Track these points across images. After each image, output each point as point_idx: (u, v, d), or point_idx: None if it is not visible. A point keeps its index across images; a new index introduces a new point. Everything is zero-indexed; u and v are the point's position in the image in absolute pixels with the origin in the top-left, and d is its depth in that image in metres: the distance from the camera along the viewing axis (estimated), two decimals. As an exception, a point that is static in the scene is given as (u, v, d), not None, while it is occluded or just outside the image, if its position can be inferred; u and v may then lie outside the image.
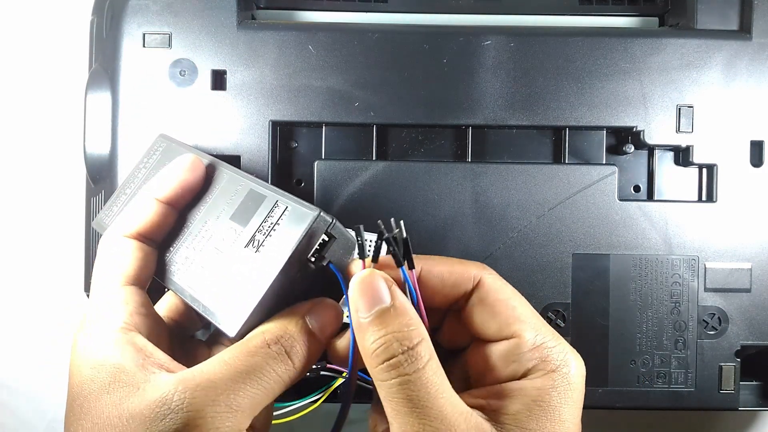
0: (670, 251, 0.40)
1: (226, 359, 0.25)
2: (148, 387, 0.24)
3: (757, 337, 0.40)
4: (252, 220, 0.28)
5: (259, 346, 0.26)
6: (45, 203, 0.49)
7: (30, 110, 0.49)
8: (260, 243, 0.27)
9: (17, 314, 0.49)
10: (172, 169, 0.31)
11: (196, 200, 0.31)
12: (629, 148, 0.41)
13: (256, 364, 0.25)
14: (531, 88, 0.40)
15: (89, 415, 0.25)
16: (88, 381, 0.25)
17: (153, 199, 0.30)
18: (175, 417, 0.23)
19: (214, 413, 0.23)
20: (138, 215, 0.30)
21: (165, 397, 0.23)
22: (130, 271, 0.29)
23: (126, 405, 0.24)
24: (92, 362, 0.26)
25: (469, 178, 0.40)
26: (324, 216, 0.26)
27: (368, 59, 0.40)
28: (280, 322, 0.27)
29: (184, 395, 0.23)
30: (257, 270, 0.27)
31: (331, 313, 0.28)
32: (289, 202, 0.27)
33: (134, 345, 0.26)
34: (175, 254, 0.30)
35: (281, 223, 0.27)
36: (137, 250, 0.29)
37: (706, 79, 0.40)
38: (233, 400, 0.24)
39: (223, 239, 0.29)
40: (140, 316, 0.27)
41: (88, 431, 0.24)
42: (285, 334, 0.26)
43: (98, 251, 0.30)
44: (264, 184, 0.29)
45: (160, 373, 0.25)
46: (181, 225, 0.31)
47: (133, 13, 0.40)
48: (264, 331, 0.26)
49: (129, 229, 0.30)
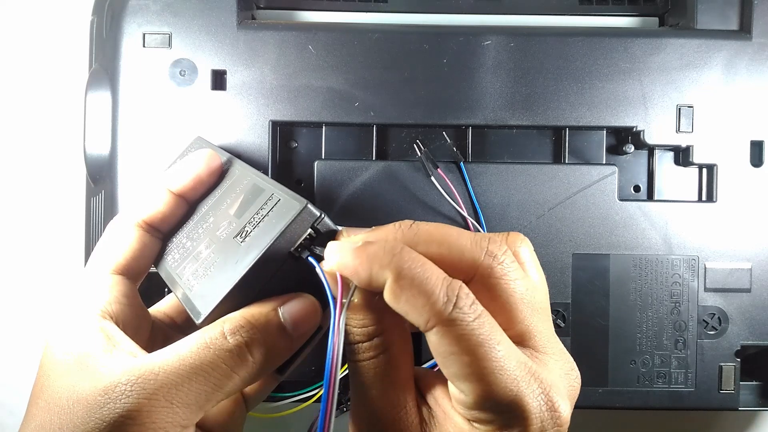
0: (670, 251, 0.40)
1: (179, 350, 0.24)
2: (103, 373, 0.24)
3: (757, 337, 0.40)
4: (246, 213, 0.28)
5: (215, 336, 0.24)
6: (45, 203, 0.49)
7: (30, 110, 0.49)
8: (247, 234, 0.27)
9: (17, 314, 0.49)
10: (188, 162, 0.31)
11: (208, 193, 0.31)
12: (629, 148, 0.41)
13: (205, 358, 0.24)
14: (531, 88, 0.40)
15: (46, 394, 0.25)
16: (56, 362, 0.25)
17: (165, 190, 0.30)
18: (113, 407, 0.23)
19: (150, 407, 0.23)
20: (149, 204, 0.30)
21: (108, 387, 0.23)
22: (123, 261, 0.29)
23: (78, 389, 0.24)
24: (63, 345, 0.26)
25: (469, 178, 0.40)
26: (311, 209, 0.25)
27: (368, 59, 0.40)
28: (246, 310, 0.25)
29: (125, 387, 0.23)
30: (237, 259, 0.26)
31: (308, 309, 0.26)
32: (281, 194, 0.27)
33: (105, 332, 0.26)
34: (175, 243, 0.31)
35: (270, 214, 0.26)
36: (138, 240, 0.29)
37: (706, 79, 0.40)
38: (175, 395, 0.23)
39: (219, 230, 0.29)
40: (119, 306, 0.27)
41: (41, 409, 0.25)
42: (248, 325, 0.24)
43: (104, 231, 0.30)
44: (269, 180, 0.29)
45: (120, 360, 0.24)
46: (189, 216, 0.31)
47: (133, 13, 0.40)
48: (225, 320, 0.25)
49: (137, 216, 0.30)
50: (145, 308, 0.30)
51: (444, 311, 0.22)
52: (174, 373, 0.23)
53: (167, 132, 0.40)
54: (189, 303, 0.27)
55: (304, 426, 0.49)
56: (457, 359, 0.22)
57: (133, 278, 0.30)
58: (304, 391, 0.39)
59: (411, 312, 0.22)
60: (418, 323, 0.22)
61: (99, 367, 0.24)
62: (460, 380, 0.22)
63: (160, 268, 0.31)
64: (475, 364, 0.22)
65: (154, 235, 0.30)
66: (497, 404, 0.22)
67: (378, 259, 0.23)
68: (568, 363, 0.25)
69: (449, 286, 0.22)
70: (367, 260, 0.23)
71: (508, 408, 0.22)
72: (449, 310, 0.22)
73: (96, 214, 0.42)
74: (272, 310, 0.25)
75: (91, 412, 0.23)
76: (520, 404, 0.22)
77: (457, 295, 0.22)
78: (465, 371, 0.22)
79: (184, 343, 0.24)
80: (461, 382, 0.22)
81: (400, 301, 0.22)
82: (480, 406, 0.23)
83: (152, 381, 0.23)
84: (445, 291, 0.22)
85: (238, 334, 0.24)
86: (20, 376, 0.50)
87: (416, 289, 0.22)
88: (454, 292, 0.22)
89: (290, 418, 0.49)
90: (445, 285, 0.22)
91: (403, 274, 0.22)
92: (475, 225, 0.39)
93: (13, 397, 0.50)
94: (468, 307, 0.22)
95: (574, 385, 0.25)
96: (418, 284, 0.22)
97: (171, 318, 0.33)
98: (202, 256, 0.28)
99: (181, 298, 0.28)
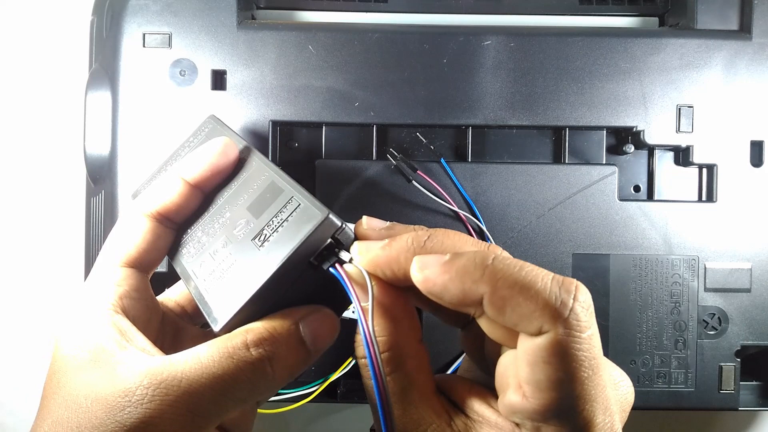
0: (670, 251, 0.40)
1: (201, 357, 0.24)
2: (121, 372, 0.24)
3: (757, 337, 0.40)
4: (265, 213, 0.27)
5: (238, 347, 0.24)
6: (45, 203, 0.49)
7: (30, 110, 0.49)
8: (266, 238, 0.26)
9: (17, 314, 0.49)
10: (204, 151, 0.29)
11: (224, 184, 0.30)
12: (629, 148, 0.41)
13: (229, 369, 0.23)
14: (531, 88, 0.40)
15: (63, 390, 0.24)
16: (69, 357, 0.25)
17: (180, 179, 0.29)
18: (133, 411, 0.22)
19: (173, 415, 0.22)
20: (162, 194, 0.29)
21: (129, 389, 0.23)
22: (135, 253, 0.28)
23: (96, 387, 0.24)
24: (75, 339, 0.25)
25: (469, 178, 0.40)
26: (333, 219, 0.25)
27: (368, 59, 0.40)
28: (268, 323, 0.25)
29: (147, 391, 0.23)
30: (256, 265, 0.26)
31: (328, 325, 0.25)
32: (302, 199, 0.26)
33: (118, 327, 0.25)
34: (190, 236, 0.30)
35: (290, 220, 0.26)
36: (150, 231, 0.29)
37: (706, 79, 0.40)
38: (196, 404, 0.23)
39: (236, 229, 0.28)
40: (130, 300, 0.27)
41: (59, 406, 0.24)
42: (270, 338, 0.24)
43: (117, 222, 0.30)
44: (286, 178, 0.28)
45: (137, 359, 0.24)
46: (205, 207, 0.30)
47: (133, 13, 0.40)
48: (248, 330, 0.24)
49: (150, 207, 0.29)
50: (156, 300, 0.30)
51: (561, 313, 0.20)
52: (196, 381, 0.23)
53: (167, 132, 0.40)
54: (204, 304, 0.27)
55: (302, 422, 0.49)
56: (552, 371, 0.20)
57: (145, 270, 0.29)
58: (303, 388, 0.39)
59: (521, 322, 0.21)
60: (529, 332, 0.21)
61: (116, 364, 0.24)
62: (540, 389, 0.21)
63: (174, 260, 0.30)
64: (568, 385, 0.20)
65: (167, 226, 0.29)
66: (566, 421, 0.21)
67: (470, 274, 0.21)
68: (619, 374, 0.25)
69: (561, 285, 0.21)
70: (458, 276, 0.21)
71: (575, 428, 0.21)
72: (565, 314, 0.20)
73: (96, 214, 0.42)
74: (293, 324, 0.25)
75: (111, 413, 0.23)
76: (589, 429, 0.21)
77: (574, 296, 0.20)
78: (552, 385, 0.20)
79: (206, 351, 0.24)
80: (538, 390, 0.21)
81: (505, 312, 0.21)
82: (543, 416, 0.21)
83: (175, 387, 0.23)
84: (557, 291, 0.20)
85: (261, 347, 0.24)
86: (20, 376, 0.50)
87: (523, 294, 0.20)
88: (569, 293, 0.20)
89: (289, 415, 0.49)
90: (556, 285, 0.20)
91: (501, 284, 0.21)
92: (472, 219, 0.39)
93: (13, 397, 0.50)
94: (585, 313, 0.20)
95: (628, 403, 0.24)
96: (523, 288, 0.20)
97: (182, 307, 0.32)
98: (219, 256, 0.28)
99: (195, 296, 0.28)
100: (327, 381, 0.39)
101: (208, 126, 0.34)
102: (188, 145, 0.34)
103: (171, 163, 0.34)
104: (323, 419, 0.49)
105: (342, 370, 0.39)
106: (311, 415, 0.49)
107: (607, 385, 0.22)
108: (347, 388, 0.40)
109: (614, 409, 0.22)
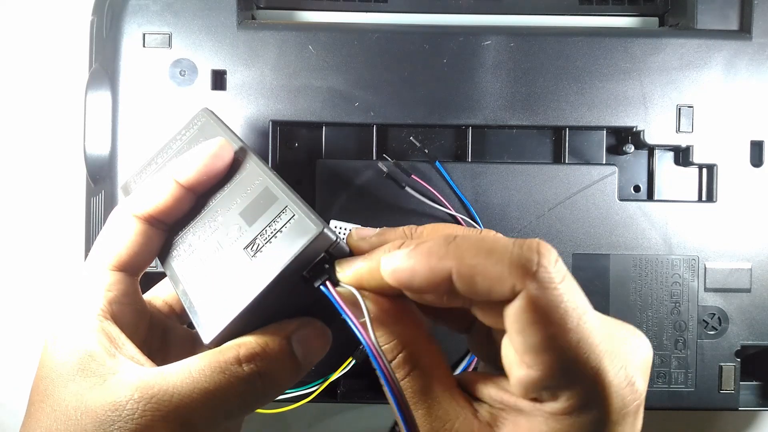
0: (670, 251, 0.40)
1: (192, 370, 0.23)
2: (112, 383, 0.23)
3: (757, 337, 0.40)
4: (258, 222, 0.27)
5: (230, 362, 0.24)
6: (45, 203, 0.49)
7: (30, 110, 0.49)
8: (259, 248, 0.26)
9: (17, 314, 0.49)
10: (198, 153, 0.29)
11: (218, 186, 0.29)
12: (629, 148, 0.41)
13: (220, 384, 0.23)
14: (531, 88, 0.40)
15: (51, 399, 0.24)
16: (58, 364, 0.25)
17: (172, 181, 0.28)
18: (123, 426, 0.22)
19: (163, 430, 0.22)
20: (153, 195, 0.28)
21: (119, 402, 0.23)
22: (125, 256, 0.28)
23: (86, 398, 0.23)
24: (64, 346, 0.25)
25: (468, 178, 0.40)
26: (327, 234, 0.24)
27: (368, 59, 0.40)
28: (260, 337, 0.24)
29: (137, 405, 0.23)
30: (248, 277, 0.25)
31: (320, 339, 0.25)
32: (297, 210, 0.26)
33: (107, 334, 0.25)
34: (181, 239, 0.29)
35: (284, 231, 0.26)
36: (141, 233, 0.28)
37: (706, 79, 0.40)
38: (187, 419, 0.23)
39: (227, 234, 0.28)
40: (120, 305, 0.27)
41: (47, 416, 0.24)
42: (263, 353, 0.24)
43: (106, 222, 0.29)
44: (280, 185, 0.28)
45: (126, 369, 0.24)
46: (197, 209, 0.29)
47: (133, 13, 0.40)
48: (240, 344, 0.24)
49: (141, 208, 0.28)
50: (145, 303, 0.30)
51: (529, 269, 0.20)
52: (188, 396, 0.23)
53: (167, 132, 0.40)
54: (194, 312, 0.26)
55: (302, 423, 0.49)
56: (540, 329, 0.20)
57: (135, 273, 0.29)
58: (303, 388, 0.39)
59: (492, 288, 0.20)
60: (502, 294, 0.20)
61: (105, 374, 0.24)
62: (537, 352, 0.20)
63: (164, 263, 0.29)
64: (560, 336, 0.20)
65: (158, 227, 0.28)
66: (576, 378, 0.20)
67: (434, 253, 0.21)
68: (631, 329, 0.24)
69: (524, 245, 0.20)
70: (423, 257, 0.21)
71: (588, 383, 0.20)
72: (533, 269, 0.20)
73: (96, 214, 0.42)
74: (285, 339, 0.25)
75: (101, 427, 0.23)
76: (602, 381, 0.20)
77: (537, 251, 0.20)
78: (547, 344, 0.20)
79: (197, 364, 0.24)
80: (537, 354, 0.20)
81: (476, 282, 0.20)
82: (552, 379, 0.21)
83: (166, 402, 0.23)
84: (520, 251, 0.20)
85: (253, 362, 0.24)
86: (21, 376, 0.50)
87: (488, 260, 0.20)
88: (532, 249, 0.20)
89: (289, 415, 0.49)
90: (518, 246, 0.20)
91: (466, 254, 0.21)
92: (469, 221, 0.39)
93: (13, 397, 0.50)
94: (553, 266, 0.20)
95: (645, 357, 0.23)
96: (487, 253, 0.20)
97: (170, 306, 0.32)
98: (210, 262, 0.27)
99: (184, 301, 0.27)
100: (327, 381, 0.39)
101: (200, 119, 0.33)
102: (180, 138, 0.33)
103: (162, 156, 0.33)
104: (323, 419, 0.49)
105: (342, 370, 0.39)
106: (311, 415, 0.49)
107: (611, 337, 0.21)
108: (347, 388, 0.40)
109: (627, 359, 0.21)
